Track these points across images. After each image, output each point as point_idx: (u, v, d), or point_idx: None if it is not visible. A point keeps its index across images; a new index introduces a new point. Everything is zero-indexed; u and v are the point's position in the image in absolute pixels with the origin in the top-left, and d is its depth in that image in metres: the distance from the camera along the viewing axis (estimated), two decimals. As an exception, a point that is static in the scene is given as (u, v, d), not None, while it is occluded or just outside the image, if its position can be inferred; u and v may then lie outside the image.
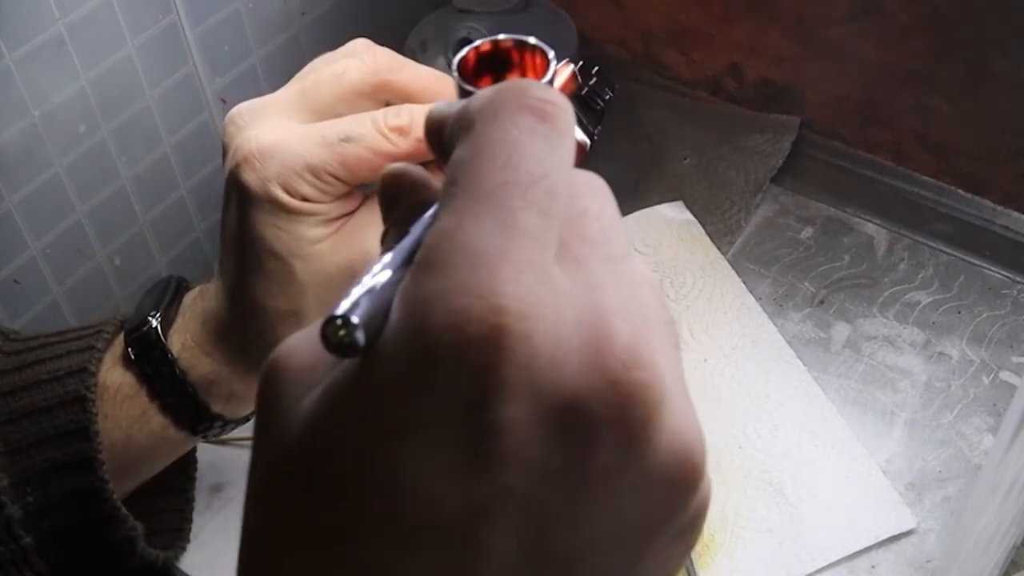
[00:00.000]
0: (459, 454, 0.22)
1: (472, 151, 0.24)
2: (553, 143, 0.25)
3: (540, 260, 0.23)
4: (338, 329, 0.22)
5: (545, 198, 0.23)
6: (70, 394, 0.47)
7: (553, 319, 0.22)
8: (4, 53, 0.63)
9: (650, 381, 0.22)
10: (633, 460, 0.22)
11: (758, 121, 0.92)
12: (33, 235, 0.71)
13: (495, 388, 0.21)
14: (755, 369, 0.77)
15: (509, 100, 0.25)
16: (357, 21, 0.89)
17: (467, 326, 0.21)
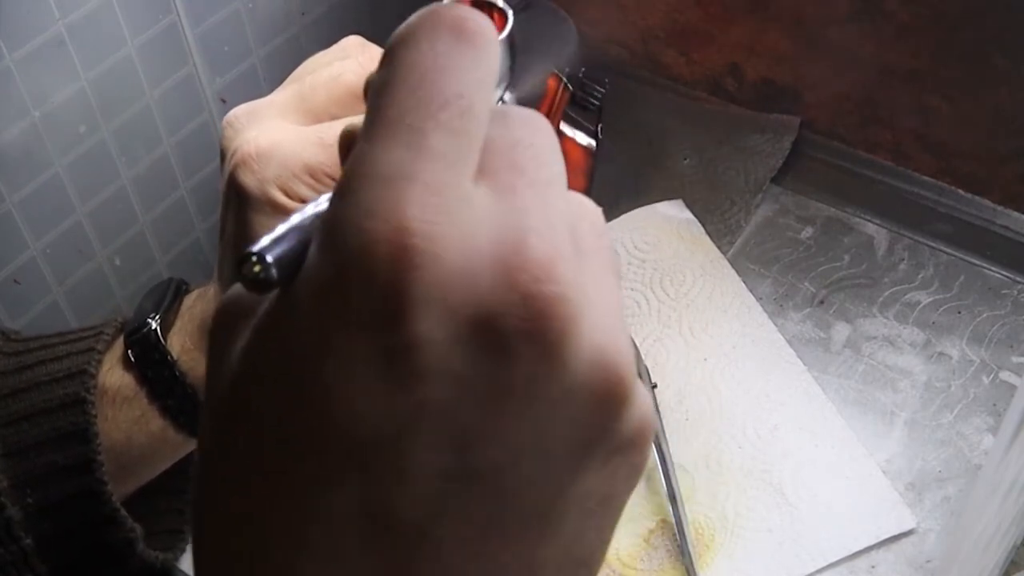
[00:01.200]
0: (375, 373, 0.22)
1: (387, 76, 0.24)
2: (471, 61, 0.24)
3: (451, 180, 0.23)
4: (253, 265, 0.23)
5: (459, 118, 0.23)
6: (69, 396, 0.47)
7: (464, 237, 0.22)
8: (4, 53, 0.63)
9: (564, 294, 0.22)
10: (551, 373, 0.22)
11: (758, 121, 0.92)
12: (33, 235, 0.71)
13: (406, 306, 0.21)
14: (755, 369, 0.77)
15: (425, 21, 0.24)
16: (357, 21, 0.89)
17: (374, 247, 0.21)
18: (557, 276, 0.22)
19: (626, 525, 0.70)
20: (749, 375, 0.77)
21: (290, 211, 0.45)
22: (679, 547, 0.68)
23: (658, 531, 0.70)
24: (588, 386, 0.23)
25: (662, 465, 0.71)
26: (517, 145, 0.25)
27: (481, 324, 0.22)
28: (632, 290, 0.82)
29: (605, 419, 0.24)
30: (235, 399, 0.24)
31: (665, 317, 0.81)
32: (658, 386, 0.75)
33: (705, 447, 0.73)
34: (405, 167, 0.22)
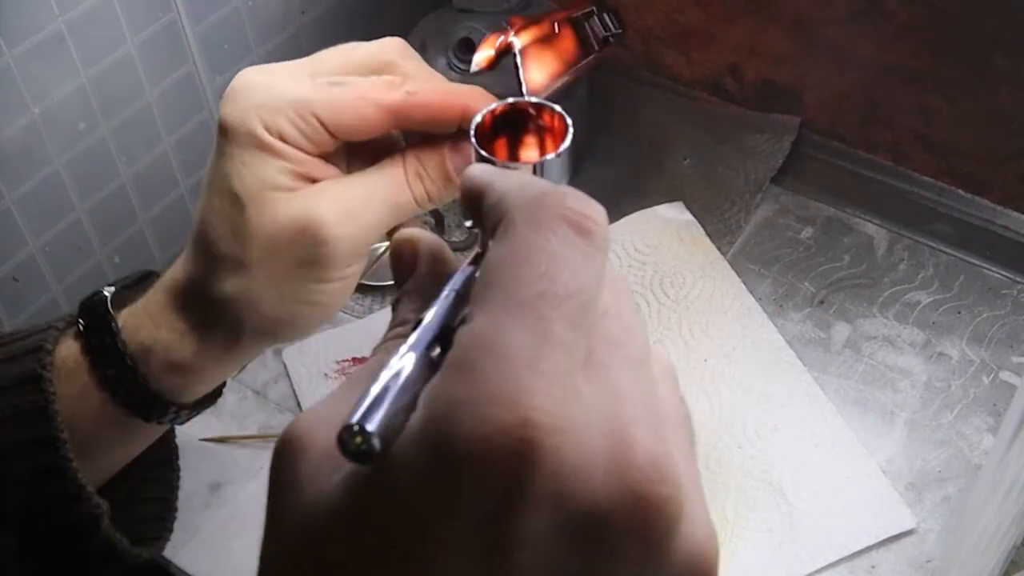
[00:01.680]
0: (480, 562, 0.22)
1: (511, 255, 0.25)
2: (589, 258, 0.25)
3: (570, 372, 0.23)
4: (354, 436, 0.22)
5: (578, 312, 0.24)
6: (26, 373, 0.46)
7: (579, 432, 0.23)
8: (4, 50, 0.63)
9: (671, 495, 0.23)
10: (652, 567, 0.23)
11: (758, 121, 0.92)
12: (32, 233, 0.71)
13: (519, 501, 0.22)
14: (755, 369, 0.77)
15: (550, 209, 0.25)
16: (357, 20, 0.89)
17: (496, 438, 0.21)
18: (665, 475, 0.23)
19: (626, 525, 0.70)
20: (749, 376, 0.77)
21: (263, 144, 0.45)
22: (679, 547, 0.68)
23: (658, 531, 0.70)
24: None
25: (662, 465, 0.70)
26: (607, 316, 0.26)
27: (592, 520, 0.22)
28: (633, 292, 0.82)
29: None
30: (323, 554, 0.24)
31: (665, 319, 0.81)
32: (658, 386, 0.75)
33: (705, 447, 0.73)
34: (530, 353, 0.23)
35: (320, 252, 0.44)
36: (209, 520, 0.71)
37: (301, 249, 0.44)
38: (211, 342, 0.47)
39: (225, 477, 0.73)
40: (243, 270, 0.45)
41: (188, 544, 0.70)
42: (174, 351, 0.48)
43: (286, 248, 0.44)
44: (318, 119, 0.45)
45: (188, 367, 0.48)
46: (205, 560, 0.69)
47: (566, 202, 0.26)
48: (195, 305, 0.47)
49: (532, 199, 0.26)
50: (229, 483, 0.73)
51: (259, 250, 0.45)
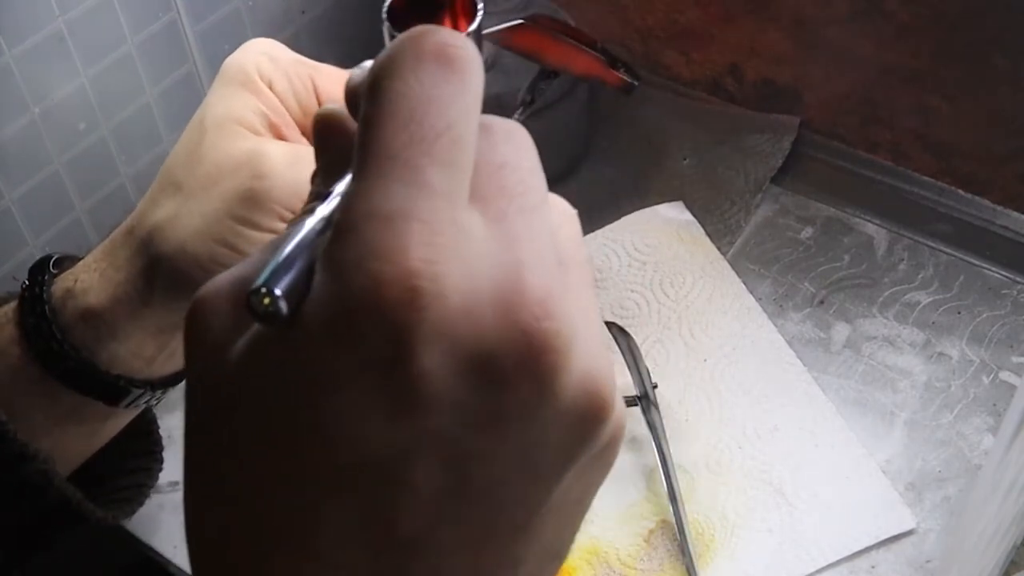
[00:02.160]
0: (382, 404, 0.23)
1: (375, 110, 0.25)
2: (457, 89, 0.25)
3: (449, 215, 0.24)
4: (263, 298, 0.23)
5: (450, 149, 0.24)
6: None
7: (466, 274, 0.23)
8: (4, 50, 0.63)
9: (559, 329, 0.24)
10: (543, 401, 0.24)
11: (758, 121, 0.92)
12: (32, 232, 0.71)
13: (412, 346, 0.23)
14: (755, 369, 0.77)
15: (408, 50, 0.25)
16: (356, 20, 0.89)
17: (382, 289, 0.22)
18: (552, 312, 0.24)
19: (626, 525, 0.70)
20: (749, 376, 0.77)
21: (251, 85, 0.45)
22: (679, 547, 0.68)
23: (658, 531, 0.70)
24: (576, 409, 0.25)
25: (662, 465, 0.71)
26: (504, 167, 0.26)
27: (483, 360, 0.23)
28: (633, 292, 0.82)
29: (588, 435, 0.25)
30: (235, 411, 0.25)
31: (665, 319, 0.81)
32: (658, 386, 0.75)
33: (705, 447, 0.73)
34: (405, 205, 0.23)
35: (257, 186, 0.43)
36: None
37: (239, 180, 0.43)
38: (127, 284, 0.46)
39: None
40: (179, 195, 0.45)
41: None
42: (91, 292, 0.47)
43: (226, 177, 0.43)
44: (314, 83, 0.45)
45: (100, 312, 0.46)
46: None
47: (424, 39, 0.25)
48: (123, 243, 0.46)
49: (390, 49, 0.25)
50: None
51: (201, 176, 0.44)
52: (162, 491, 0.72)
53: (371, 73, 0.25)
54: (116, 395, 0.48)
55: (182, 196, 0.45)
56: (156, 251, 0.45)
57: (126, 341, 0.47)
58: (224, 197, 0.44)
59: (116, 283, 0.46)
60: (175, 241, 0.44)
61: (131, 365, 0.48)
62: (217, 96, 0.45)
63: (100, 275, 0.47)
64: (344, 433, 0.23)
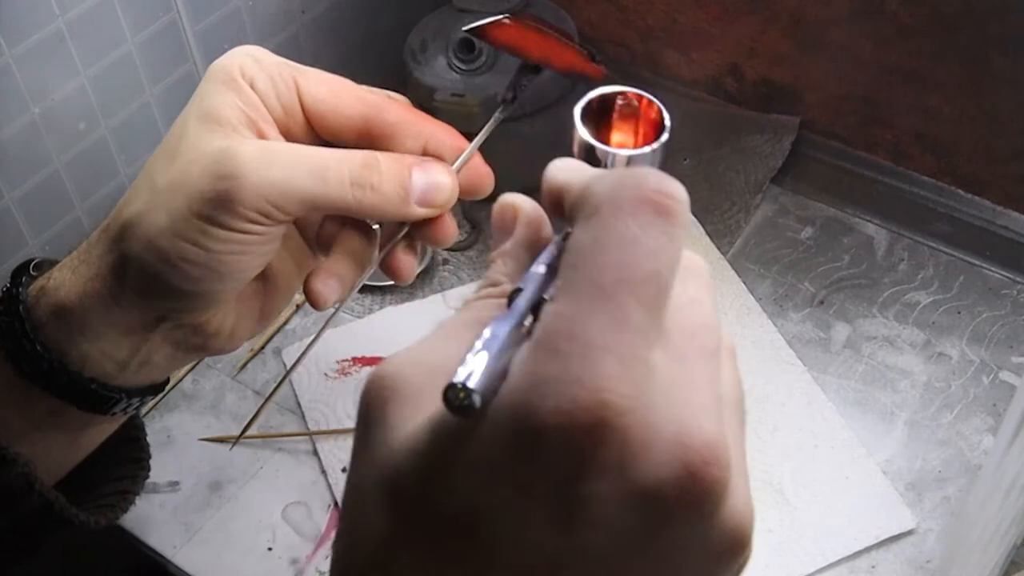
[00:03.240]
0: (551, 516, 0.25)
1: (592, 240, 0.27)
2: (668, 238, 0.27)
3: (644, 355, 0.26)
4: (459, 392, 0.25)
5: (655, 296, 0.26)
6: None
7: (648, 412, 0.25)
8: (4, 50, 0.63)
9: (722, 477, 0.26)
10: (696, 537, 0.27)
11: (758, 121, 0.92)
12: (32, 232, 0.71)
13: (588, 470, 0.25)
14: (755, 369, 0.77)
15: (630, 192, 0.27)
16: (357, 20, 0.89)
17: (574, 414, 0.25)
18: (719, 459, 0.26)
19: (626, 525, 0.70)
20: (749, 375, 0.77)
21: (233, 84, 0.45)
22: (679, 547, 0.68)
23: (658, 531, 0.70)
24: (723, 546, 0.28)
25: (662, 465, 0.71)
26: (691, 304, 0.29)
27: (650, 490, 0.25)
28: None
29: (727, 567, 0.29)
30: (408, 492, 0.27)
31: (665, 317, 0.81)
32: (658, 386, 0.75)
33: (705, 447, 0.73)
34: (608, 338, 0.25)
35: (222, 187, 0.42)
36: (209, 520, 0.71)
37: (206, 179, 0.43)
38: (97, 279, 0.45)
39: (225, 477, 0.73)
40: (151, 191, 0.44)
41: (188, 544, 0.70)
42: (63, 288, 0.46)
43: (196, 175, 0.43)
44: (297, 84, 0.45)
45: (71, 308, 0.46)
46: (205, 560, 0.69)
47: (646, 184, 0.27)
48: (98, 240, 0.46)
49: (613, 183, 0.28)
50: (229, 483, 0.73)
51: (172, 173, 0.44)
52: (162, 491, 0.72)
53: (588, 197, 0.28)
54: (90, 400, 0.47)
55: (151, 192, 0.44)
56: (125, 248, 0.45)
57: (96, 340, 0.46)
58: (190, 195, 0.43)
59: (87, 279, 0.46)
60: (143, 238, 0.44)
61: (103, 367, 0.47)
62: (200, 95, 0.46)
63: (72, 272, 0.47)
64: (512, 535, 0.26)
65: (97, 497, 0.52)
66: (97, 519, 0.50)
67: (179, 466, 0.74)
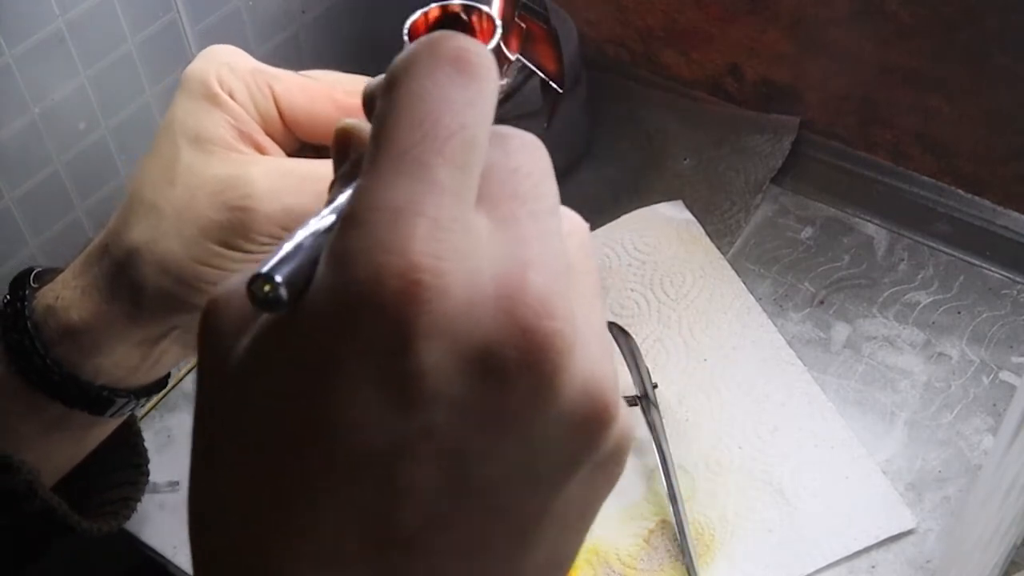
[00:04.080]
0: (381, 397, 0.23)
1: (390, 108, 0.25)
2: (472, 93, 0.25)
3: (456, 214, 0.24)
4: (263, 285, 0.24)
5: (462, 151, 0.24)
6: None
7: (468, 271, 0.24)
8: (4, 50, 0.63)
9: (560, 328, 0.24)
10: (544, 400, 0.24)
11: (758, 121, 0.92)
12: (32, 232, 0.71)
13: (412, 338, 0.23)
14: (755, 369, 0.77)
15: (426, 53, 0.26)
16: (357, 20, 0.89)
17: (386, 282, 0.23)
18: (554, 311, 0.24)
19: (626, 525, 0.70)
20: (749, 375, 0.77)
21: (215, 98, 0.45)
22: (679, 547, 0.68)
23: (658, 531, 0.70)
24: (577, 412, 0.25)
25: (662, 465, 0.71)
26: (517, 172, 0.26)
27: (482, 355, 0.23)
28: (632, 291, 0.82)
29: (591, 441, 0.25)
30: (239, 403, 0.25)
31: (665, 318, 0.81)
32: (658, 386, 0.75)
33: (705, 447, 0.73)
34: (414, 201, 0.24)
35: (239, 216, 0.43)
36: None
37: (219, 206, 0.43)
38: (110, 301, 0.45)
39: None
40: (153, 217, 0.44)
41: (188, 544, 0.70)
42: (73, 309, 0.46)
43: (206, 201, 0.43)
44: (272, 91, 0.45)
45: (84, 330, 0.46)
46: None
47: (442, 43, 0.26)
48: (101, 260, 0.46)
49: (408, 51, 0.26)
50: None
51: (176, 199, 0.44)
52: (162, 491, 0.72)
53: (388, 73, 0.26)
54: (100, 405, 0.48)
55: (157, 218, 0.44)
56: (138, 275, 0.45)
57: (111, 355, 0.47)
58: (202, 223, 0.43)
59: (98, 302, 0.46)
60: (155, 265, 0.44)
61: (115, 375, 0.47)
62: (183, 111, 0.45)
63: (81, 292, 0.46)
64: (343, 423, 0.23)
65: (100, 504, 0.52)
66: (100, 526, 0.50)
67: (179, 466, 0.74)
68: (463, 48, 0.26)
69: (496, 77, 0.26)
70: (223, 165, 0.44)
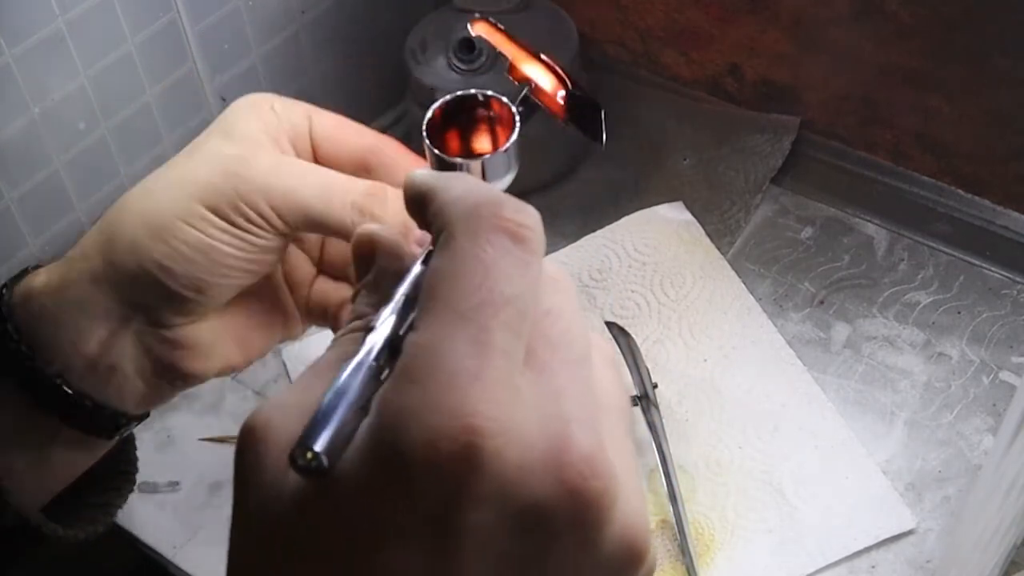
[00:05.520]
0: (429, 554, 0.25)
1: (450, 267, 0.26)
2: (525, 264, 0.27)
3: (509, 377, 0.25)
4: (304, 453, 0.24)
5: (516, 318, 0.26)
6: None
7: (519, 434, 0.25)
8: (4, 50, 0.63)
9: (605, 488, 0.25)
10: (588, 551, 0.26)
11: (758, 121, 0.92)
12: (32, 232, 0.71)
13: (464, 499, 0.24)
14: (755, 369, 0.77)
15: (486, 219, 0.27)
16: (357, 20, 0.89)
17: (441, 444, 0.24)
18: (598, 471, 0.25)
19: (626, 525, 0.70)
20: (749, 376, 0.77)
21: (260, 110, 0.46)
22: (679, 547, 0.68)
23: (658, 531, 0.70)
24: (615, 559, 0.26)
25: (662, 465, 0.71)
26: (549, 315, 0.28)
27: (532, 514, 0.25)
28: (633, 292, 0.82)
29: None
30: (285, 546, 0.26)
31: (665, 318, 0.81)
32: (658, 386, 0.75)
33: (705, 447, 0.73)
34: (471, 363, 0.25)
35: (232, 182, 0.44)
36: (209, 520, 0.71)
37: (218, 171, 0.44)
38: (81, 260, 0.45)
39: (225, 477, 0.73)
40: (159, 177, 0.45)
41: (188, 544, 0.70)
42: (43, 273, 0.46)
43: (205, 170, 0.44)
44: (309, 115, 0.47)
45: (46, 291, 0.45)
46: (205, 560, 0.69)
47: (502, 212, 0.27)
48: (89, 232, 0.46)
49: (470, 210, 0.27)
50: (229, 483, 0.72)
51: (181, 168, 0.45)
52: (162, 491, 0.72)
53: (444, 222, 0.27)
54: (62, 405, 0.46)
55: (158, 178, 0.46)
56: (118, 224, 0.45)
57: (68, 328, 0.45)
58: (197, 183, 0.44)
59: (69, 260, 0.46)
60: (137, 214, 0.44)
61: (72, 362, 0.46)
62: (225, 117, 0.47)
63: (56, 260, 0.47)
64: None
65: (80, 508, 0.51)
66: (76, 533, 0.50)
67: (179, 466, 0.74)
68: (521, 224, 0.27)
69: (544, 244, 0.28)
70: (235, 149, 0.45)
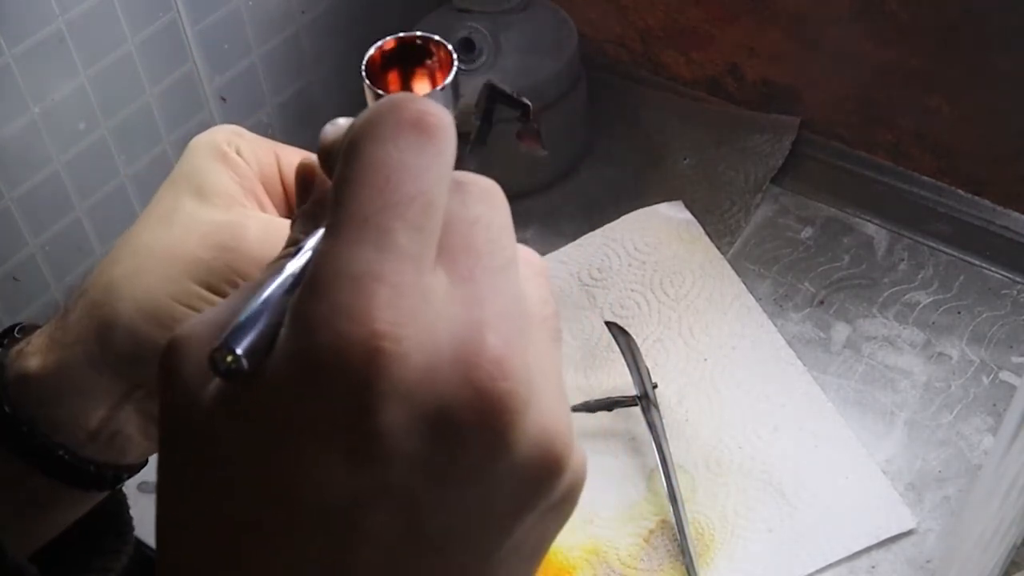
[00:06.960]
0: (341, 456, 0.24)
1: (352, 173, 0.26)
2: (432, 157, 0.26)
3: (415, 279, 0.25)
4: (225, 356, 0.25)
5: (422, 215, 0.25)
6: None
7: (427, 336, 0.25)
8: (4, 50, 0.63)
9: (514, 389, 0.25)
10: (497, 456, 0.25)
11: (758, 121, 0.92)
12: (32, 232, 0.71)
13: (373, 402, 0.24)
14: (755, 369, 0.77)
15: (387, 117, 0.26)
16: (356, 20, 0.89)
17: (347, 349, 0.24)
18: (508, 372, 0.25)
19: (626, 525, 0.70)
20: (749, 375, 0.77)
21: (224, 156, 0.45)
22: (679, 547, 0.68)
23: (658, 531, 0.70)
24: (530, 463, 0.26)
25: (662, 465, 0.71)
26: (475, 224, 0.27)
27: (440, 416, 0.25)
28: (632, 291, 0.82)
29: (542, 488, 0.27)
30: (204, 458, 0.26)
31: (665, 318, 0.81)
32: (658, 386, 0.75)
33: (705, 447, 0.73)
34: (374, 267, 0.25)
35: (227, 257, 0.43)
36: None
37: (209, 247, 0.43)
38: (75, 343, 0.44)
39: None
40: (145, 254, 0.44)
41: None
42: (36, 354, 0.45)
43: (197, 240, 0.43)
44: (276, 156, 0.46)
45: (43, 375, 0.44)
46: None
47: (402, 107, 0.26)
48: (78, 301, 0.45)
49: (370, 115, 0.27)
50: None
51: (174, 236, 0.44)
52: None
53: (349, 135, 0.27)
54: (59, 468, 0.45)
55: (145, 255, 0.43)
56: (111, 310, 0.43)
57: (67, 407, 0.44)
58: (188, 261, 0.43)
59: (63, 346, 0.44)
60: (131, 300, 0.43)
61: (73, 435, 0.45)
62: (190, 167, 0.45)
63: (49, 337, 0.45)
64: (304, 482, 0.25)
65: (76, 571, 0.50)
66: None
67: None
68: (424, 112, 0.26)
69: (454, 137, 0.27)
70: (223, 213, 0.44)
